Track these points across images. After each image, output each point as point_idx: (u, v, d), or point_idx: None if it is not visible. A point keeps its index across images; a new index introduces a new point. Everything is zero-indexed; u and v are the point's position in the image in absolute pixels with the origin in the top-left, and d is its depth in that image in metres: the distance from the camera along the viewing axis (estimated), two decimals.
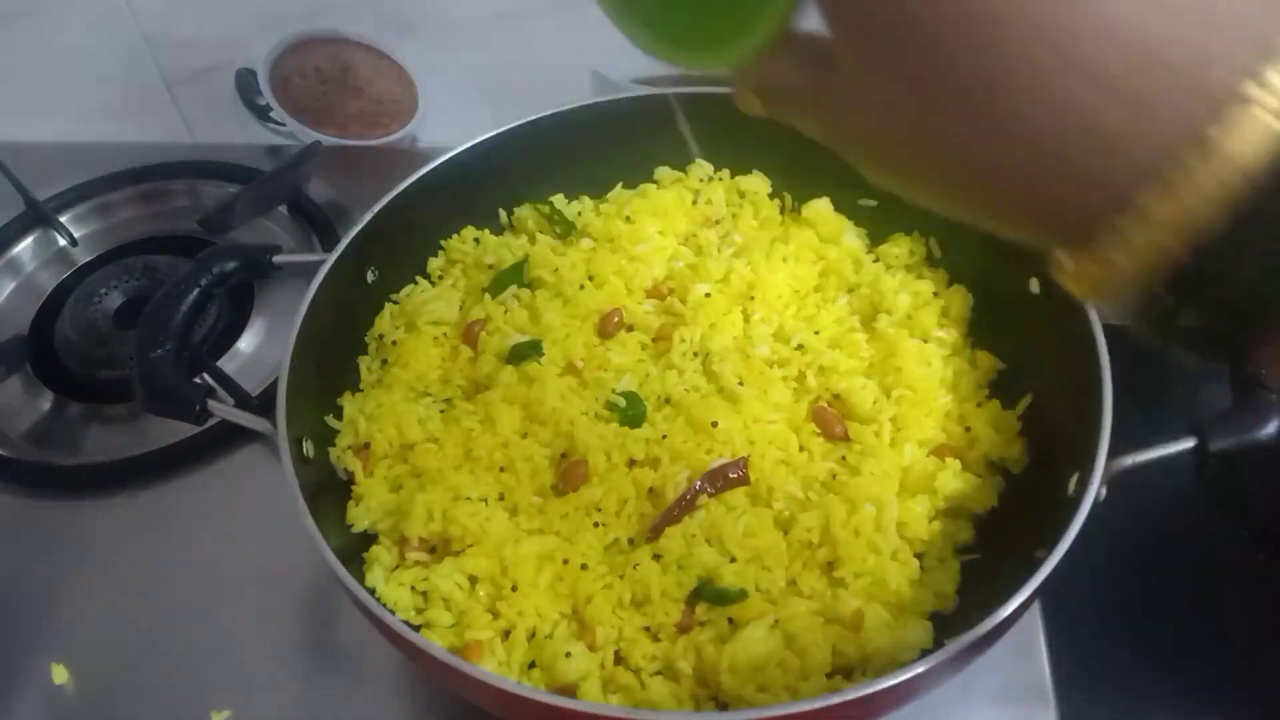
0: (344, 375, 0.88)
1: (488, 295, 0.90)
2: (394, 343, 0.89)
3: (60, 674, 0.83)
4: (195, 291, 0.81)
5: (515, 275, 0.91)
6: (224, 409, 0.77)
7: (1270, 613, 1.43)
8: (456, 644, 0.72)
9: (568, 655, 0.69)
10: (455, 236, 0.96)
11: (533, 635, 0.72)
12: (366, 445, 0.82)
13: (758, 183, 0.98)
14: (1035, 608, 0.81)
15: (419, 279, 0.94)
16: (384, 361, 0.89)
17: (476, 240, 0.97)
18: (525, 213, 0.98)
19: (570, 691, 0.68)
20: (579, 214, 0.97)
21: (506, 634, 0.72)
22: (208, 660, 0.84)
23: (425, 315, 0.89)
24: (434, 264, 0.95)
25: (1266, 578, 1.48)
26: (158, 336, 0.78)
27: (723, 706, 0.69)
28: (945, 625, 0.71)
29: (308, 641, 0.84)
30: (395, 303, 0.92)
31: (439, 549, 0.77)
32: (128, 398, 1.01)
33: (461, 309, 0.91)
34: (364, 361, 0.89)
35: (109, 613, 0.87)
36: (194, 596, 0.87)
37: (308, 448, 0.78)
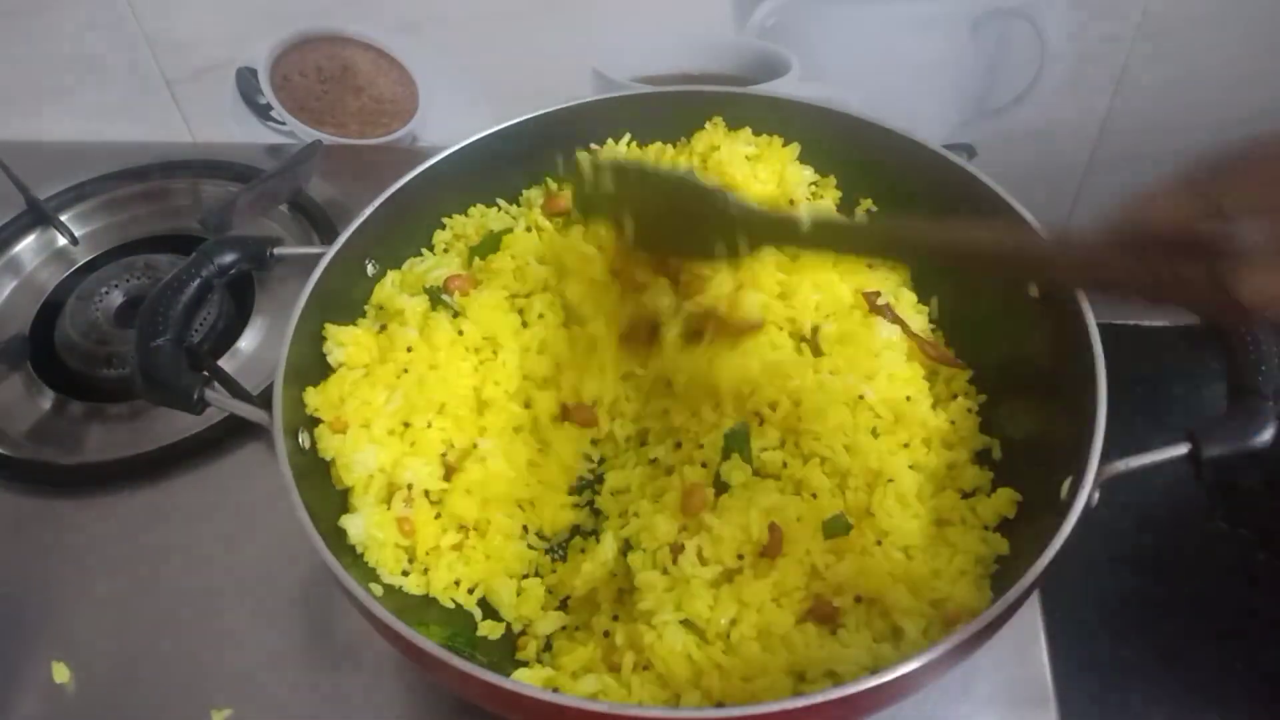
0: None
1: (477, 257, 0.91)
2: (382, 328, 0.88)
3: (61, 673, 0.83)
4: (196, 282, 0.81)
5: (497, 243, 0.92)
6: (221, 399, 0.77)
7: (1270, 613, 1.43)
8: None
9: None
10: (459, 216, 0.97)
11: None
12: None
13: None
14: (1036, 608, 0.81)
15: (423, 251, 0.94)
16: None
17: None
18: (533, 195, 0.98)
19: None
20: None
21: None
22: (208, 659, 0.84)
23: (427, 282, 0.89)
24: (440, 236, 0.95)
25: (1266, 578, 1.47)
26: (158, 326, 0.78)
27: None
28: (944, 624, 0.71)
29: (308, 639, 0.84)
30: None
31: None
32: (129, 396, 1.01)
33: None
34: None
35: (109, 612, 0.87)
36: (194, 596, 0.87)
37: (304, 439, 0.78)
